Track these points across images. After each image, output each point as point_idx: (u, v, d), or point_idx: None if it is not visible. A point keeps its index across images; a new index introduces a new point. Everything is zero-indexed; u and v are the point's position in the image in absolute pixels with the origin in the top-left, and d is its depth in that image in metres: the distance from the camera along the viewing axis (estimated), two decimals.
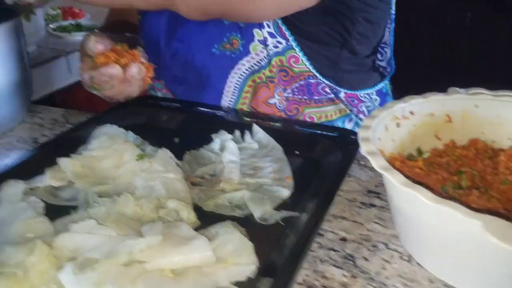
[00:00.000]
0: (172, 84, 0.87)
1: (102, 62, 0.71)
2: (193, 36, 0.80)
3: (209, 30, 0.78)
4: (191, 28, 0.80)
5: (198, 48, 0.80)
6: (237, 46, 0.78)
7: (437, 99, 0.62)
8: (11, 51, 0.74)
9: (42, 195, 0.60)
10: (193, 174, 0.66)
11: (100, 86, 0.72)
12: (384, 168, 0.47)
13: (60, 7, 1.71)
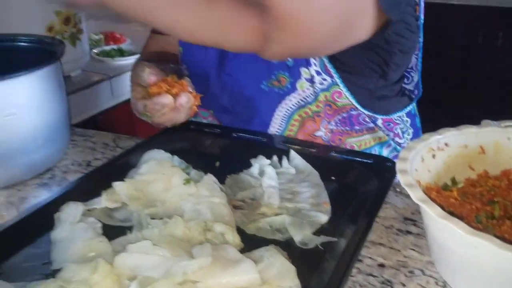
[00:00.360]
0: (220, 113, 0.92)
1: (154, 92, 0.75)
2: (242, 71, 0.85)
3: (258, 67, 0.83)
4: (240, 63, 0.85)
5: (246, 83, 0.85)
6: (285, 84, 0.83)
7: (471, 132, 0.65)
8: (52, 94, 0.77)
9: (98, 216, 0.65)
10: (235, 198, 0.70)
11: (152, 114, 0.76)
12: (422, 200, 0.50)
13: (102, 32, 1.80)
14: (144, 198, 0.68)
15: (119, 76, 1.56)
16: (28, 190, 0.74)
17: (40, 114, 0.73)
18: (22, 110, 0.70)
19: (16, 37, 0.86)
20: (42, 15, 1.29)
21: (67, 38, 1.34)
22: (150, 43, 1.05)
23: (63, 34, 1.32)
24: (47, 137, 0.75)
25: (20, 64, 0.74)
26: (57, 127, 0.77)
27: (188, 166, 0.76)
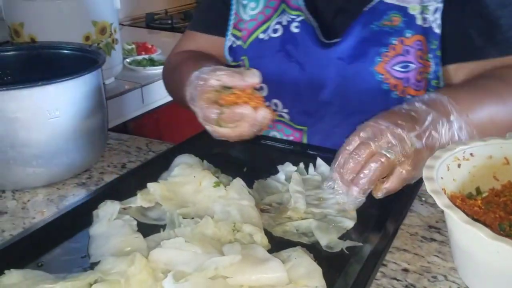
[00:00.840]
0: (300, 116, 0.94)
1: (231, 100, 0.71)
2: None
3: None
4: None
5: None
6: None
7: (496, 143, 0.66)
8: (93, 99, 0.81)
9: (133, 214, 0.68)
10: (262, 202, 0.73)
11: (225, 123, 0.73)
12: (447, 206, 0.52)
13: (134, 42, 1.87)
14: (176, 199, 0.71)
15: (150, 84, 1.61)
16: (67, 189, 0.78)
17: (81, 117, 0.77)
18: (65, 113, 0.75)
19: (60, 45, 0.91)
20: (80, 25, 1.35)
21: (102, 47, 1.40)
22: (187, 41, 1.05)
23: (99, 43, 1.38)
24: (86, 140, 0.79)
25: (63, 70, 0.79)
26: (96, 131, 0.81)
27: (217, 170, 0.79)
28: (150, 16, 2.34)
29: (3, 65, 0.89)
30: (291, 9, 0.90)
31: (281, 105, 0.93)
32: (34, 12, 1.30)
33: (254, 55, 0.93)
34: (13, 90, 0.70)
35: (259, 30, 0.93)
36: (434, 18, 0.82)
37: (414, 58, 0.83)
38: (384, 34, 0.84)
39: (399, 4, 0.83)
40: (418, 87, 0.84)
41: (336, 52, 0.86)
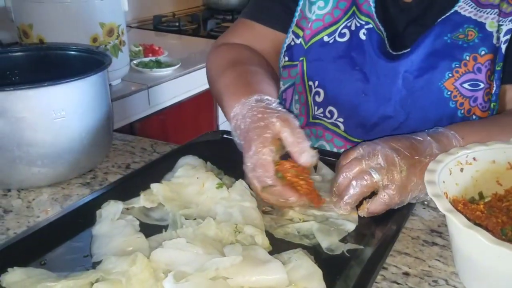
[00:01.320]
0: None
1: (287, 179, 0.68)
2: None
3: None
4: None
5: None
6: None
7: (499, 147, 0.66)
8: (99, 99, 0.81)
9: (136, 215, 0.69)
10: (264, 203, 0.73)
11: (269, 195, 0.68)
12: (448, 210, 0.52)
13: (141, 44, 1.88)
14: (179, 200, 0.71)
15: (156, 86, 1.62)
16: (72, 188, 0.79)
17: (86, 117, 0.78)
18: (71, 113, 0.75)
19: (67, 46, 0.92)
20: (87, 26, 1.36)
21: (110, 49, 1.41)
22: (243, 29, 0.95)
23: (107, 45, 1.40)
24: (91, 140, 0.80)
25: (70, 70, 0.80)
26: (101, 131, 0.82)
27: (220, 172, 0.79)
28: (157, 19, 2.35)
29: (12, 65, 0.90)
30: (361, 14, 0.85)
31: (336, 114, 0.88)
32: (43, 13, 1.32)
33: (314, 57, 0.88)
34: (19, 90, 0.71)
35: (324, 32, 0.88)
36: (504, 39, 0.79)
37: (484, 78, 0.80)
38: (457, 47, 0.81)
39: (476, 19, 0.81)
40: (484, 108, 0.82)
41: (404, 64, 0.82)
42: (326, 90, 0.87)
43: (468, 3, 0.81)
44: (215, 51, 0.97)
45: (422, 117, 0.83)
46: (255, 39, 0.95)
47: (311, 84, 0.89)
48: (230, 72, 0.85)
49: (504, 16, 0.80)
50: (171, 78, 1.67)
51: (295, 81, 0.92)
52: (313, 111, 0.90)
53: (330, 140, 0.90)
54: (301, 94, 0.91)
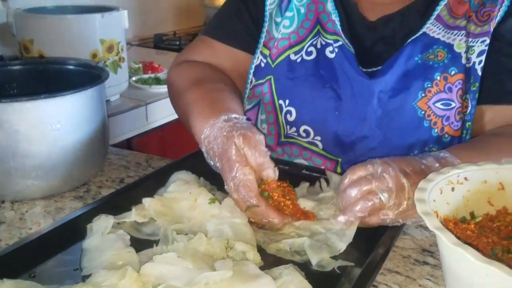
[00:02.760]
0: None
1: (274, 199, 0.69)
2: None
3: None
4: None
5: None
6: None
7: (491, 168, 0.66)
8: (94, 113, 0.82)
9: (127, 229, 0.69)
10: None
11: (253, 216, 0.69)
12: (437, 228, 0.52)
13: (141, 61, 1.90)
14: (171, 215, 0.71)
15: (154, 102, 1.63)
16: (65, 201, 0.79)
17: (81, 130, 0.79)
18: (66, 126, 0.76)
19: (65, 61, 0.93)
20: (88, 42, 1.38)
21: (109, 65, 1.43)
22: (203, 47, 0.97)
23: (106, 61, 1.41)
24: (86, 153, 0.80)
25: (68, 84, 0.81)
26: (95, 145, 0.83)
27: (213, 187, 0.80)
28: (158, 37, 2.38)
29: (10, 78, 0.91)
30: (326, 33, 0.87)
31: (313, 133, 0.88)
32: (44, 28, 1.34)
33: (283, 75, 0.89)
34: (16, 102, 0.71)
35: (291, 50, 0.89)
36: (478, 60, 0.81)
37: (455, 97, 0.82)
38: (428, 68, 0.82)
39: (445, 40, 0.83)
40: (456, 127, 0.83)
41: (378, 84, 0.84)
42: (298, 109, 0.88)
43: (436, 25, 0.83)
44: (176, 68, 0.98)
45: (399, 136, 0.84)
46: (215, 57, 0.96)
47: (281, 103, 0.89)
48: (195, 90, 0.86)
49: (473, 37, 0.82)
50: None
51: (260, 100, 0.92)
52: (285, 130, 0.90)
53: (308, 158, 0.90)
54: (269, 113, 0.91)
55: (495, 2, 0.81)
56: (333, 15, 0.86)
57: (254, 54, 0.93)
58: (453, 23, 0.83)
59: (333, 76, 0.86)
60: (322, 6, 0.88)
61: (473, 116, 0.83)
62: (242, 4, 0.94)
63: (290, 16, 0.89)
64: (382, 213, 0.65)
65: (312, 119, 0.87)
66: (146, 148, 1.64)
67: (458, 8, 0.83)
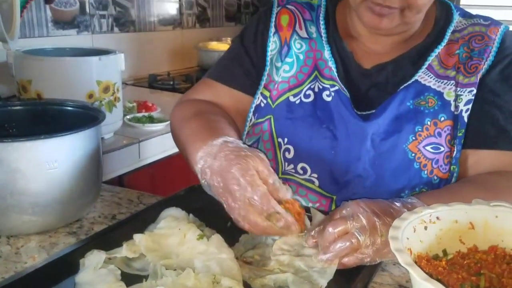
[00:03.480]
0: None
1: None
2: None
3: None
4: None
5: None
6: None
7: (461, 208, 0.71)
8: (90, 152, 0.86)
9: (118, 264, 0.72)
10: (245, 254, 0.76)
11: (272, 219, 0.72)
12: (407, 263, 0.56)
13: (136, 100, 1.95)
14: (160, 250, 0.74)
15: (147, 140, 1.67)
16: (59, 237, 0.82)
17: (77, 169, 0.83)
18: (63, 165, 0.80)
19: (64, 102, 0.98)
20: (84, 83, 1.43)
21: (104, 104, 1.48)
22: (204, 88, 1.02)
23: (102, 101, 1.46)
24: (80, 190, 0.84)
25: (66, 125, 0.85)
26: (90, 182, 0.86)
27: (201, 224, 0.83)
28: (152, 77, 2.45)
29: (10, 118, 0.95)
30: (324, 78, 0.93)
31: (310, 170, 0.93)
32: (42, 70, 1.39)
33: (282, 115, 0.94)
34: (17, 142, 0.76)
35: (290, 93, 0.95)
36: (465, 108, 0.88)
37: (444, 142, 0.88)
38: (419, 113, 0.88)
39: (435, 88, 0.89)
40: (444, 170, 0.89)
41: (372, 126, 0.89)
42: (296, 147, 0.93)
43: (427, 74, 0.90)
44: (178, 106, 1.03)
45: (391, 176, 0.88)
46: (216, 96, 1.01)
47: (280, 141, 0.94)
48: (193, 121, 0.90)
49: (461, 86, 0.89)
50: (163, 133, 1.73)
51: (259, 138, 0.97)
52: (283, 167, 0.95)
53: (304, 195, 0.94)
54: (268, 150, 0.96)
55: (482, 56, 0.89)
56: (329, 62, 0.93)
57: (255, 95, 0.99)
58: (443, 73, 0.90)
59: (330, 118, 0.91)
60: (319, 53, 0.95)
61: (458, 160, 0.89)
62: (242, 51, 1.01)
63: (290, 61, 0.96)
64: (360, 251, 0.70)
65: (309, 157, 0.92)
66: (137, 185, 1.67)
67: (448, 60, 0.91)
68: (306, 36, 0.96)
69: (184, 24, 2.78)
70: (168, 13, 2.66)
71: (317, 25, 0.97)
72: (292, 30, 0.97)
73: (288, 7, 0.98)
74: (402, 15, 0.84)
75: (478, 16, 0.95)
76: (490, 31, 0.91)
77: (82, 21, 2.17)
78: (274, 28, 0.98)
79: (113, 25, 2.34)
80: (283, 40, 0.97)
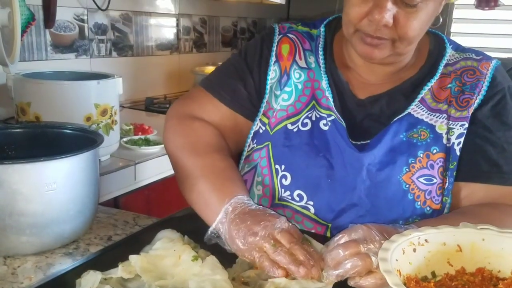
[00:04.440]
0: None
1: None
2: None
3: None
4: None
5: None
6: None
7: (449, 231, 0.73)
8: (88, 174, 0.88)
9: (114, 285, 0.73)
10: (243, 274, 0.78)
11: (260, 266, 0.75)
12: (397, 285, 0.58)
13: (132, 123, 1.98)
14: (155, 271, 0.76)
15: (143, 162, 1.69)
16: (55, 257, 0.83)
17: (75, 191, 0.84)
18: (61, 186, 0.82)
19: (63, 125, 1.01)
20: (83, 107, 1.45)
21: (102, 127, 1.50)
22: (211, 108, 1.01)
23: (99, 123, 1.49)
24: (77, 211, 0.85)
25: (65, 147, 0.87)
26: (87, 204, 0.88)
27: (196, 245, 0.84)
28: (149, 100, 2.48)
29: (10, 140, 0.97)
30: (321, 107, 0.96)
31: (306, 197, 0.94)
32: (42, 93, 1.41)
33: (280, 142, 0.96)
34: (17, 164, 0.78)
35: (288, 121, 0.97)
36: (457, 141, 0.91)
37: (437, 174, 0.90)
38: (412, 145, 0.91)
39: (427, 121, 0.92)
40: (437, 201, 0.91)
41: (367, 157, 0.91)
42: (293, 174, 0.94)
43: (420, 107, 0.93)
44: (180, 121, 1.01)
45: (386, 206, 0.90)
46: (219, 118, 1.01)
47: (278, 168, 0.96)
48: (204, 160, 0.93)
49: (453, 120, 0.92)
50: (159, 155, 1.75)
51: (257, 164, 0.99)
52: (279, 193, 0.96)
53: (300, 221, 0.95)
54: (265, 176, 0.98)
55: (473, 90, 0.92)
56: (326, 92, 0.96)
57: (254, 121, 1.01)
58: (436, 106, 0.93)
59: (326, 147, 0.93)
60: (317, 83, 0.98)
61: (450, 192, 0.91)
62: (248, 72, 1.01)
63: (288, 90, 0.99)
64: (378, 275, 0.70)
65: (305, 184, 0.93)
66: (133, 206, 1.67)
67: (441, 94, 0.94)
68: (305, 66, 0.99)
69: (181, 49, 2.84)
70: (165, 38, 2.72)
71: (316, 55, 1.00)
72: (292, 60, 1.00)
73: (289, 36, 1.01)
74: (393, 46, 0.87)
75: (471, 51, 0.99)
76: (482, 66, 0.94)
77: (81, 45, 2.21)
78: (275, 57, 1.00)
79: (112, 50, 2.38)
80: (283, 69, 1.00)
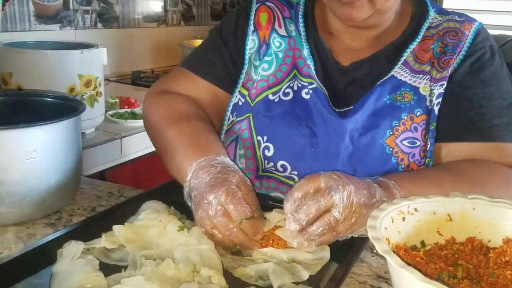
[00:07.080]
0: None
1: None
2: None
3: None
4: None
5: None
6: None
7: (439, 200, 0.72)
8: (69, 143, 0.85)
9: (97, 255, 0.71)
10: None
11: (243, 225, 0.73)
12: (385, 251, 0.57)
13: (118, 96, 1.94)
14: (140, 241, 0.74)
15: (129, 136, 1.67)
16: (36, 228, 0.81)
17: (56, 160, 0.82)
18: (42, 155, 0.79)
19: (44, 93, 0.97)
20: (66, 77, 1.42)
21: (86, 99, 1.46)
22: (187, 82, 1.00)
23: (83, 95, 1.45)
24: (59, 181, 0.83)
25: (46, 116, 0.84)
26: (69, 174, 0.85)
27: (182, 216, 0.83)
28: (136, 74, 2.44)
29: None
30: (302, 76, 0.94)
31: (289, 168, 0.93)
32: (24, 63, 1.37)
33: (261, 114, 0.94)
34: None
35: (269, 91, 0.95)
36: (436, 101, 0.89)
37: (420, 136, 0.89)
38: (396, 108, 0.89)
39: (411, 83, 0.91)
40: (420, 163, 0.90)
41: (350, 122, 0.90)
42: (275, 145, 0.92)
43: (403, 69, 0.92)
44: (156, 97, 1.00)
45: (369, 171, 0.89)
46: (195, 91, 1.00)
47: (260, 139, 0.94)
48: (178, 129, 0.90)
49: (435, 81, 0.90)
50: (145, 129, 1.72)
51: (238, 136, 0.97)
52: (263, 165, 0.95)
53: (285, 192, 0.94)
54: (248, 148, 0.96)
55: (454, 51, 0.91)
56: (308, 60, 0.94)
57: (233, 93, 0.99)
58: (419, 68, 0.92)
59: (309, 115, 0.92)
60: (298, 52, 0.95)
61: (432, 153, 0.90)
62: (222, 44, 1.00)
63: (268, 60, 0.96)
64: (336, 230, 0.70)
65: (288, 154, 0.92)
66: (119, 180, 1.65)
67: (423, 55, 0.92)
68: (285, 34, 0.97)
69: (168, 21, 2.77)
70: (152, 10, 2.65)
71: (296, 23, 0.97)
72: (271, 29, 0.97)
73: (267, 4, 0.99)
74: (371, 2, 0.84)
75: (453, 13, 0.97)
76: (464, 27, 0.92)
77: (65, 16, 2.15)
78: (253, 26, 0.98)
79: (97, 21, 2.32)
80: (261, 38, 0.97)
